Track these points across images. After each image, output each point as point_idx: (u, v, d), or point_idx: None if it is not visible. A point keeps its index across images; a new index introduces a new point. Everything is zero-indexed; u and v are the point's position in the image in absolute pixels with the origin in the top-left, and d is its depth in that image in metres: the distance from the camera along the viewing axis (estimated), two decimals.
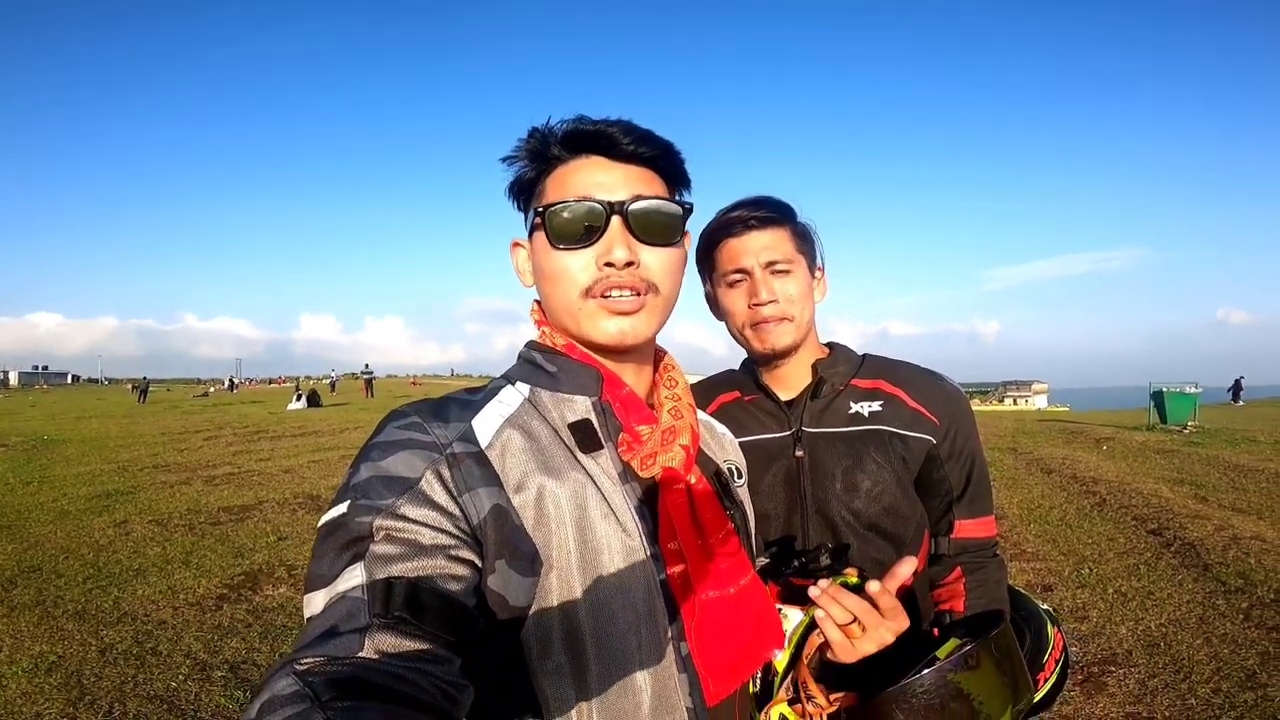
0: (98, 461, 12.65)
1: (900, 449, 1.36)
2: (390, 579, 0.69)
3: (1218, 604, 4.70)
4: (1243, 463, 10.51)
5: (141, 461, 12.55)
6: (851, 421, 1.39)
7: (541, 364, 0.95)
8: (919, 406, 1.39)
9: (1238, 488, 8.77)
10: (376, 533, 0.73)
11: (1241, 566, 5.37)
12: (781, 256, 1.36)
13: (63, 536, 7.02)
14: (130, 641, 4.29)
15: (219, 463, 12.23)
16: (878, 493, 1.35)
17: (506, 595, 0.78)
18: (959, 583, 1.38)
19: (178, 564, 5.98)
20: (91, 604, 4.98)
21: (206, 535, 6.98)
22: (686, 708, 0.84)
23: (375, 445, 0.81)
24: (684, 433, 0.93)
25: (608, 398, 0.94)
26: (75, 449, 14.77)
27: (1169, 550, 5.99)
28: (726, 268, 1.40)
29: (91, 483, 10.26)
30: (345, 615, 0.67)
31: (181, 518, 7.78)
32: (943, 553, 1.41)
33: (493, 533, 0.78)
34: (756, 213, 1.37)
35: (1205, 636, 4.21)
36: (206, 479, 10.43)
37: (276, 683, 0.59)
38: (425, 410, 0.86)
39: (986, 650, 1.03)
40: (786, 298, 1.36)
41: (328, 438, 16.29)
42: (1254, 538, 6.14)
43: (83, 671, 3.90)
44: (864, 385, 1.43)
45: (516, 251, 1.01)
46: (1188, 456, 11.35)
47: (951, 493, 1.40)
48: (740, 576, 0.93)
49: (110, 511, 8.21)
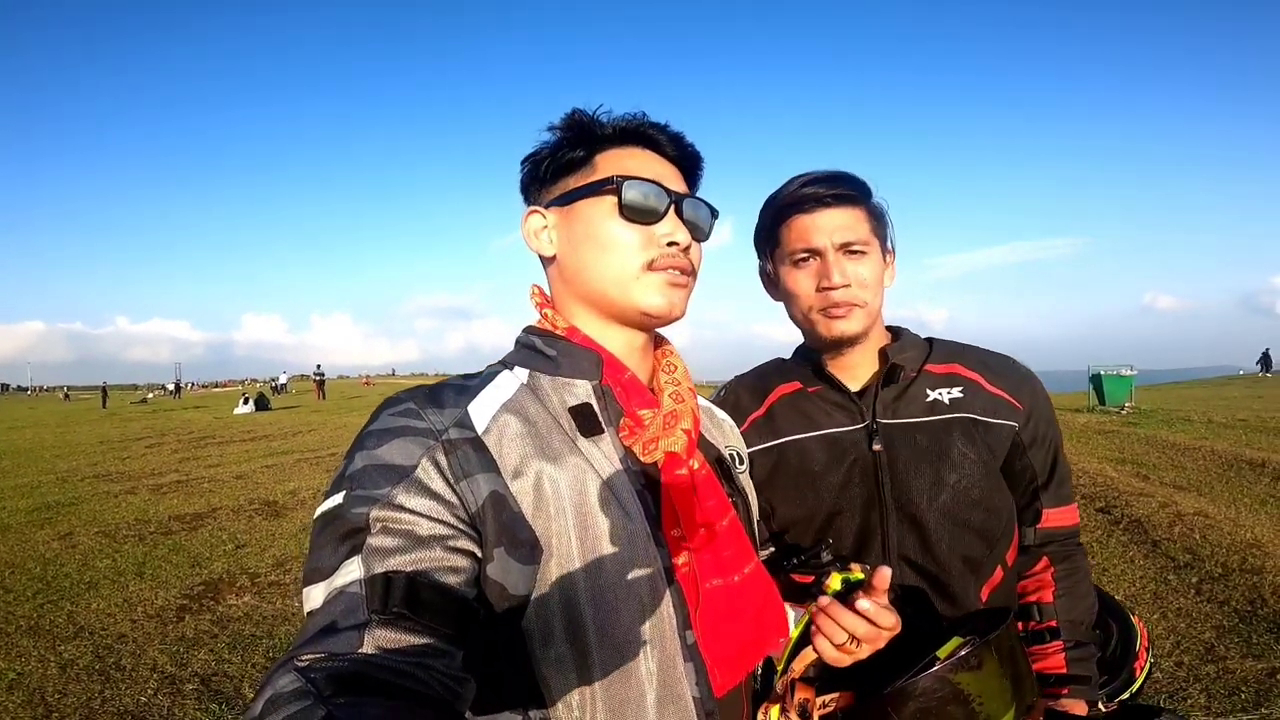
0: (35, 472, 12.14)
1: (985, 436, 1.27)
2: (389, 573, 0.69)
3: (1169, 579, 4.89)
4: (1179, 441, 10.93)
5: (81, 471, 12.08)
6: (931, 410, 1.30)
7: (541, 348, 0.95)
8: (999, 391, 1.30)
9: (1177, 466, 9.15)
10: (373, 524, 0.72)
11: (1188, 542, 5.59)
12: (857, 238, 1.26)
13: (5, 550, 6.70)
14: (91, 657, 4.13)
15: (165, 470, 11.82)
16: (966, 485, 1.25)
17: (506, 584, 0.78)
18: (1046, 572, 1.32)
19: (131, 575, 5.77)
20: (44, 619, 4.78)
21: (159, 545, 6.74)
22: (693, 697, 0.83)
23: (370, 433, 0.80)
24: (685, 417, 0.93)
25: (608, 381, 0.93)
26: (10, 460, 14.13)
27: (1118, 527, 6.21)
28: (795, 245, 1.29)
29: (30, 495, 9.83)
30: (344, 611, 0.66)
31: (130, 528, 7.50)
32: (1028, 543, 1.33)
33: (491, 520, 0.78)
34: (834, 189, 1.27)
35: (1161, 611, 4.37)
36: (153, 487, 10.06)
37: (278, 680, 0.59)
38: (421, 396, 0.85)
39: (988, 650, 1.01)
40: (860, 282, 1.26)
41: (279, 441, 15.87)
42: (1197, 514, 6.39)
43: (45, 689, 3.74)
44: (939, 370, 1.33)
45: (531, 220, 0.98)
46: (1127, 437, 11.78)
47: (1036, 480, 1.31)
48: (744, 564, 0.92)
49: (53, 524, 7.87)
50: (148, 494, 9.59)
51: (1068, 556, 1.33)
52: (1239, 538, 5.59)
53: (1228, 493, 7.49)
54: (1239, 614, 4.23)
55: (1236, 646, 3.82)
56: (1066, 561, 1.32)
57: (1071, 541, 1.34)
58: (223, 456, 13.46)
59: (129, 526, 7.60)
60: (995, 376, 1.32)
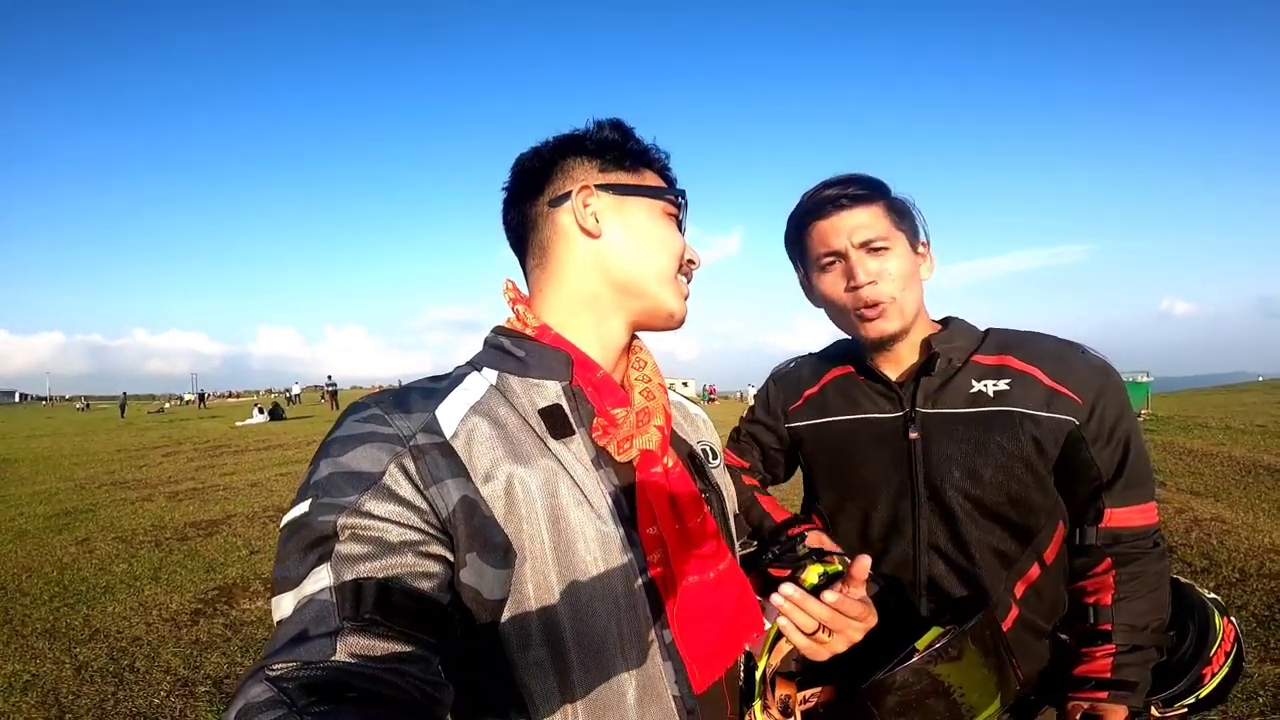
0: (53, 480, 12.27)
1: (1033, 431, 1.24)
2: (359, 580, 0.68)
3: None
4: (1196, 448, 10.81)
5: (99, 479, 12.20)
6: (973, 402, 1.28)
7: (509, 349, 0.94)
8: (1056, 384, 1.25)
9: (1194, 472, 9.04)
10: (341, 531, 0.70)
11: (1204, 548, 5.53)
12: (876, 234, 1.28)
13: (23, 555, 6.80)
14: (105, 659, 4.17)
15: (181, 478, 11.92)
16: (1001, 480, 1.24)
17: (480, 589, 0.77)
18: (1108, 574, 1.25)
19: (146, 580, 5.83)
20: (61, 622, 4.84)
21: (174, 551, 6.81)
22: (673, 695, 0.83)
23: (334, 440, 0.78)
24: (658, 413, 0.93)
25: (579, 382, 0.92)
26: (28, 468, 14.30)
27: None
28: (819, 250, 1.33)
29: (49, 501, 9.95)
30: (315, 618, 0.65)
31: (146, 534, 7.58)
32: (1090, 543, 1.27)
33: (463, 525, 0.77)
34: (846, 190, 1.29)
35: None
36: (169, 495, 10.16)
37: (250, 689, 0.58)
38: (386, 401, 0.83)
39: (965, 640, 0.99)
40: (886, 277, 1.27)
41: (293, 450, 15.99)
42: (1214, 519, 6.33)
43: (59, 690, 3.79)
44: (988, 362, 1.31)
45: (582, 194, 0.96)
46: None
47: (1100, 478, 1.25)
48: (719, 561, 0.92)
49: (71, 529, 7.96)
50: (164, 501, 9.67)
51: (1136, 558, 1.25)
52: (1256, 543, 5.54)
53: (1245, 498, 7.41)
54: (1257, 619, 4.19)
55: (1255, 651, 3.78)
56: (1134, 564, 1.25)
57: (1143, 543, 1.26)
58: (237, 465, 13.55)
59: (145, 532, 7.68)
60: (1055, 368, 1.27)
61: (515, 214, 1.00)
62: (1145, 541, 1.26)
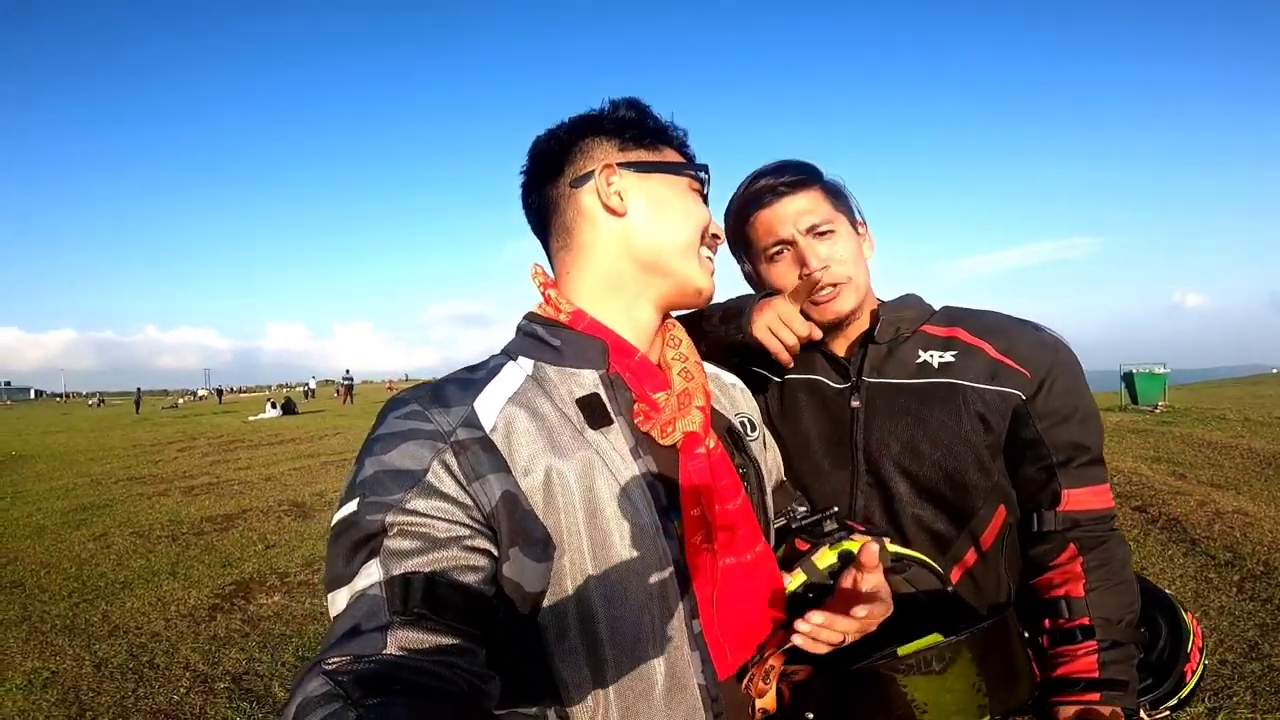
0: (70, 475, 12.38)
1: (977, 405, 1.20)
2: (407, 574, 0.70)
3: (1210, 577, 4.78)
4: (1216, 440, 10.69)
5: (115, 474, 12.29)
6: (919, 372, 1.26)
7: (544, 337, 0.93)
8: (1003, 357, 1.22)
9: (1214, 464, 8.94)
10: (389, 529, 0.73)
11: (1228, 540, 5.46)
12: (821, 218, 1.27)
13: (41, 551, 6.85)
14: (125, 655, 4.19)
15: (196, 473, 11.99)
16: (938, 457, 1.21)
17: (522, 582, 0.79)
18: (1074, 562, 1.18)
19: (164, 575, 5.86)
20: (80, 618, 4.87)
21: (191, 546, 6.84)
22: (698, 684, 0.84)
23: (377, 438, 0.80)
24: (698, 393, 0.93)
25: (616, 368, 0.92)
26: (45, 464, 14.44)
27: (1155, 526, 6.08)
28: (765, 241, 1.31)
29: (66, 497, 10.03)
30: (367, 613, 0.67)
31: (163, 529, 7.62)
32: (1049, 529, 1.21)
33: (505, 520, 0.78)
34: (783, 178, 1.28)
35: (1202, 609, 4.28)
36: (185, 490, 10.21)
37: (308, 684, 0.61)
38: (425, 396, 0.84)
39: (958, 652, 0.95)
40: (837, 259, 1.26)
41: (306, 445, 16.03)
42: (1236, 512, 6.25)
43: (79, 687, 3.80)
44: (937, 333, 1.29)
45: (604, 173, 0.95)
46: (1162, 435, 11.53)
47: (1052, 457, 1.20)
48: (755, 543, 0.93)
49: (88, 525, 8.02)
50: (180, 496, 9.73)
51: (1100, 544, 1.19)
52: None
53: (1267, 490, 7.31)
54: None
55: None
56: (1098, 550, 1.18)
57: (1103, 526, 1.20)
58: (252, 460, 13.61)
59: (162, 527, 7.72)
60: (1004, 342, 1.24)
61: (536, 197, 1.00)
62: (1105, 525, 1.20)
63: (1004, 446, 1.23)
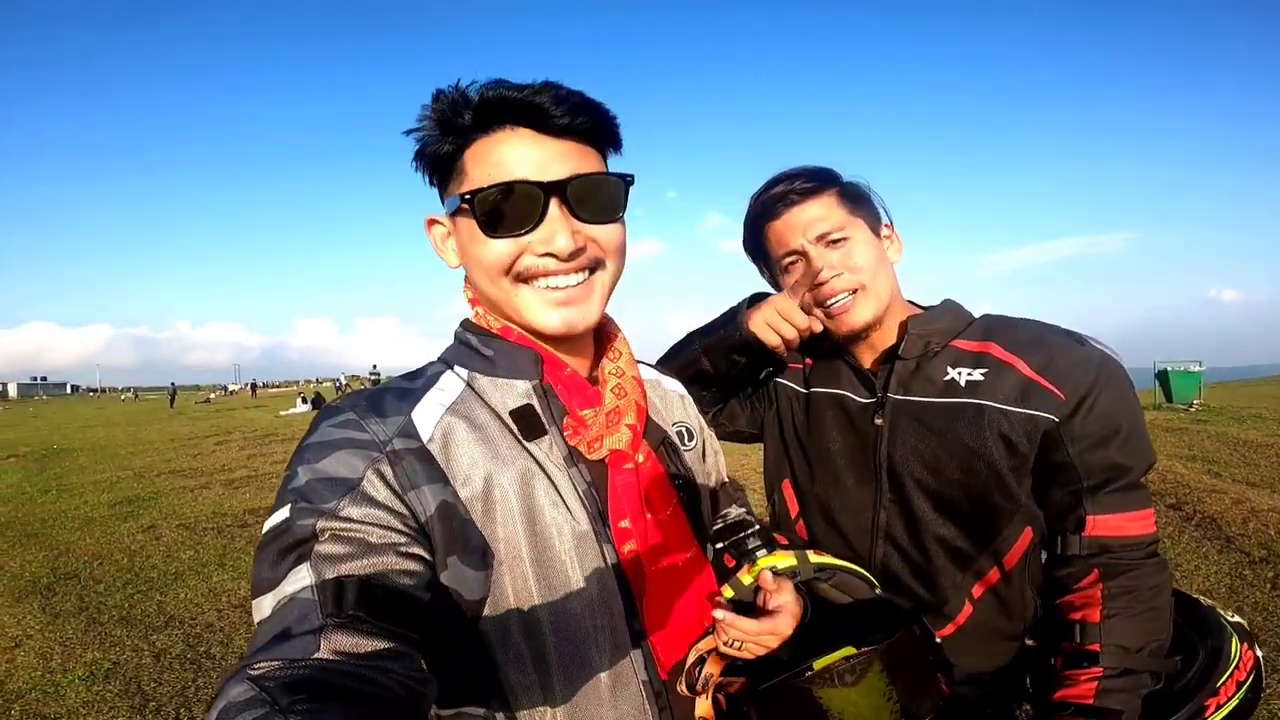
0: (112, 469, 12.69)
1: (1001, 427, 1.15)
2: (341, 578, 0.68)
3: (1244, 574, 4.79)
4: (1251, 439, 10.54)
5: (156, 468, 12.58)
6: (945, 391, 1.21)
7: (477, 347, 0.93)
8: (1037, 376, 1.15)
9: (1249, 463, 8.81)
10: (321, 534, 0.71)
11: (1263, 538, 5.44)
12: (832, 226, 1.23)
13: (92, 543, 7.06)
14: (183, 646, 4.33)
15: (234, 466, 12.27)
16: (961, 477, 1.18)
17: (462, 590, 0.79)
18: (1095, 588, 1.14)
19: (213, 567, 6.03)
20: (136, 609, 5.03)
21: (236, 538, 7.02)
22: (641, 681, 0.87)
23: (309, 446, 0.78)
24: (629, 411, 0.93)
25: (549, 379, 0.92)
26: (87, 457, 14.80)
27: (1190, 524, 6.05)
28: (778, 252, 1.30)
29: (111, 489, 10.30)
30: (298, 617, 0.65)
31: (208, 521, 7.83)
32: (1073, 553, 1.16)
33: (441, 529, 0.78)
34: (794, 186, 1.26)
35: (1237, 605, 4.29)
36: (225, 482, 10.47)
37: (231, 689, 0.58)
38: (361, 405, 0.83)
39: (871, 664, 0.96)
40: (850, 267, 1.23)
41: None
42: (1271, 510, 6.18)
43: (140, 678, 3.93)
44: (969, 348, 1.23)
45: (434, 229, 0.93)
46: (1197, 434, 11.38)
47: (1080, 482, 1.14)
48: (686, 550, 0.96)
49: (135, 517, 8.25)
50: (221, 489, 9.97)
51: (1127, 570, 1.13)
52: None
53: None
54: None
55: None
56: (1124, 576, 1.13)
57: (1136, 553, 1.14)
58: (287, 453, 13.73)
59: (207, 519, 7.92)
60: (1042, 359, 1.17)
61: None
62: (1138, 552, 1.14)
63: (1033, 468, 1.17)
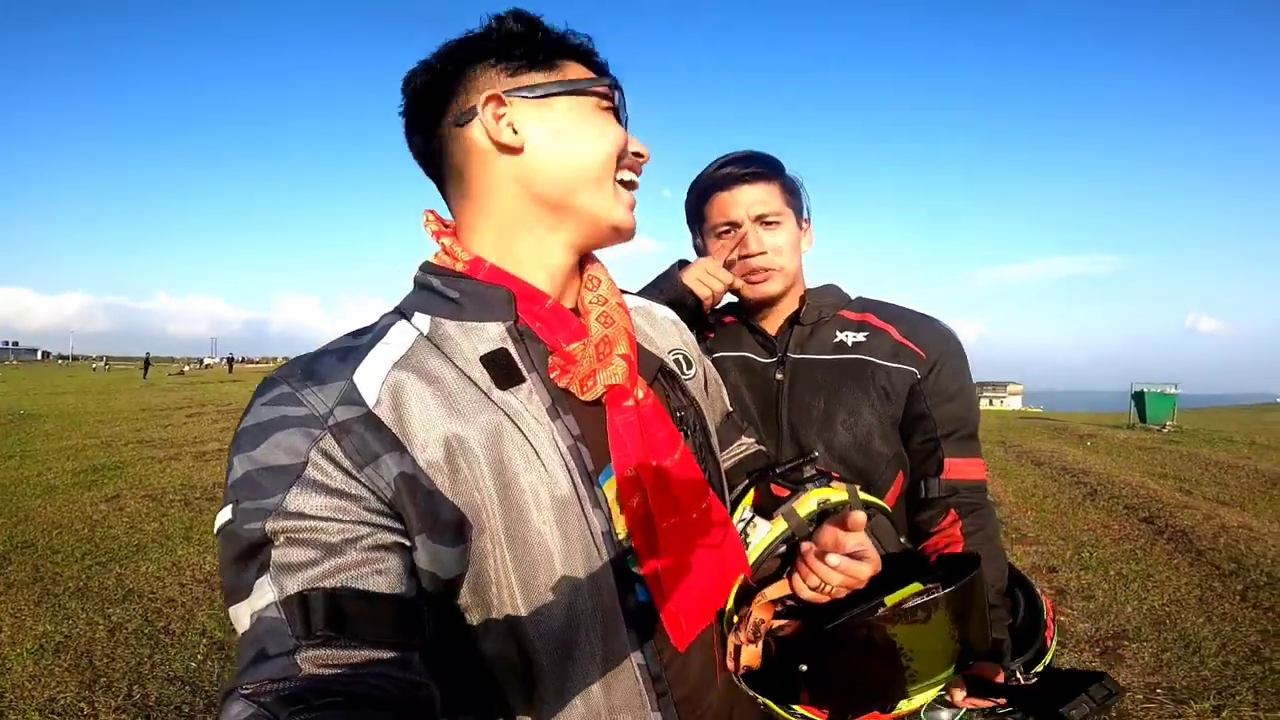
0: (79, 436, 12.41)
1: (882, 380, 1.35)
2: (304, 593, 0.62)
3: (1214, 586, 4.87)
4: (1222, 459, 10.73)
5: (125, 437, 12.34)
6: (836, 350, 1.41)
7: (441, 289, 0.83)
8: (905, 340, 1.38)
9: (1219, 482, 8.97)
10: (274, 537, 0.64)
11: (1233, 552, 5.54)
12: (770, 210, 1.40)
13: (53, 511, 6.86)
14: (140, 620, 4.19)
15: (206, 439, 12.04)
16: (851, 423, 1.34)
17: (438, 571, 0.71)
18: (955, 526, 1.32)
19: (178, 540, 5.88)
20: (93, 581, 4.86)
21: (204, 511, 6.88)
22: (637, 664, 0.77)
23: (244, 431, 0.69)
24: (620, 340, 0.83)
25: (525, 319, 0.82)
26: (54, 424, 14.46)
27: (1162, 537, 6.15)
28: (717, 220, 1.45)
29: (76, 457, 10.07)
30: (270, 637, 0.61)
31: (176, 492, 7.67)
32: (933, 495, 1.34)
33: (408, 505, 0.69)
34: (748, 168, 1.42)
35: (1206, 615, 4.38)
36: (196, 455, 10.26)
37: (230, 709, 0.56)
38: (296, 374, 0.72)
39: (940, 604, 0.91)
40: (775, 249, 1.41)
41: None
42: (1241, 527, 6.31)
43: (93, 652, 3.77)
44: (852, 317, 1.45)
45: (491, 105, 0.82)
46: (1169, 453, 11.55)
47: (936, 430, 1.35)
48: (700, 500, 0.85)
49: (99, 486, 8.06)
50: (191, 460, 9.78)
51: (975, 509, 1.33)
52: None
53: (1271, 509, 7.36)
54: None
55: None
56: (974, 515, 1.33)
57: (979, 495, 1.35)
58: None
59: (175, 490, 7.76)
60: (907, 328, 1.40)
61: (420, 140, 0.88)
62: (980, 494, 1.35)
63: (900, 420, 1.37)
